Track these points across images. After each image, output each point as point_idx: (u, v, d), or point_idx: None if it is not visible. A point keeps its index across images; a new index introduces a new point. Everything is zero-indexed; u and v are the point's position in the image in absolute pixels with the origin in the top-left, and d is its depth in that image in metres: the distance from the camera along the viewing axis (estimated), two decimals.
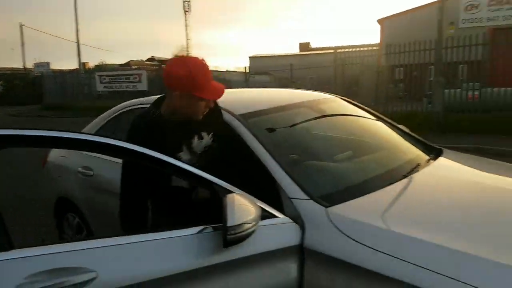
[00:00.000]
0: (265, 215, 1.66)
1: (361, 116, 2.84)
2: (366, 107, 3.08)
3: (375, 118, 2.93)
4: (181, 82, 1.80)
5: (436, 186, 2.10)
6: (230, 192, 1.61)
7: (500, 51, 11.61)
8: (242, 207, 1.49)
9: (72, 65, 25.85)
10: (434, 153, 2.59)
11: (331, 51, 15.56)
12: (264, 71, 24.97)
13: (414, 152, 2.59)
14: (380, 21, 28.11)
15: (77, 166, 3.04)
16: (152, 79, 20.71)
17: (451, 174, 2.33)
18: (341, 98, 3.11)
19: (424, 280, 1.35)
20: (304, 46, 61.36)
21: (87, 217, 2.99)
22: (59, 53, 72.55)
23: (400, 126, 3.03)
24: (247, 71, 19.68)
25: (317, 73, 17.43)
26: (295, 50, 56.24)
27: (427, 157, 2.47)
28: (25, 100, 30.30)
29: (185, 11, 61.56)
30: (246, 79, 19.14)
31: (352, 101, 3.13)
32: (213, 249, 1.52)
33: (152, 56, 64.29)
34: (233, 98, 2.52)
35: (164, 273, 1.46)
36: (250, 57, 44.33)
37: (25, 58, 42.21)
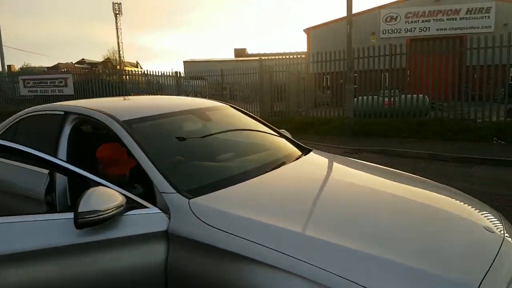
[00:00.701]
0: (134, 206, 2.00)
1: (245, 125, 3.26)
2: (252, 115, 3.53)
3: (259, 124, 3.38)
4: None
5: (286, 179, 2.53)
6: (100, 185, 1.93)
7: (416, 60, 12.32)
8: (102, 197, 1.82)
9: None
10: (304, 153, 3.07)
11: (265, 58, 16.09)
12: (199, 75, 25.06)
13: (285, 151, 3.04)
14: (306, 31, 29.24)
15: None
16: (80, 82, 20.12)
17: (304, 169, 2.77)
18: (231, 106, 3.52)
19: (255, 251, 1.72)
20: (239, 52, 61.97)
21: None
22: None
23: (281, 131, 3.50)
24: (179, 75, 19.69)
25: (248, 79, 17.88)
26: (232, 56, 56.76)
27: (295, 156, 2.93)
28: None
29: (116, 14, 60.15)
30: (177, 84, 19.22)
31: (241, 109, 3.55)
32: (69, 231, 1.85)
33: (83, 59, 61.89)
34: (123, 106, 2.84)
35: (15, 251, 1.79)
36: (184, 62, 44.20)
37: None
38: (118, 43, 60.26)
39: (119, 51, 59.53)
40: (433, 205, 2.26)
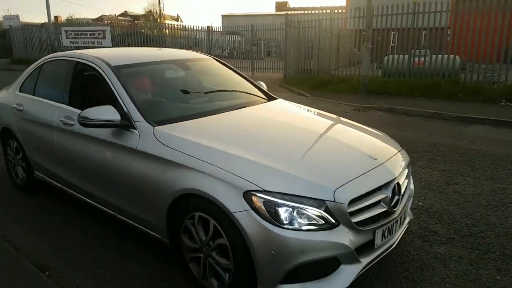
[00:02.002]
0: (127, 125, 2.87)
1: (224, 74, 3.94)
2: (232, 68, 4.17)
3: (238, 76, 4.04)
4: None
5: (235, 118, 3.20)
6: None
7: (462, 18, 11.59)
8: (100, 111, 2.87)
9: (45, 18, 25.50)
10: (268, 100, 3.72)
11: (313, 11, 15.40)
12: (233, 31, 25.28)
13: (251, 99, 3.69)
14: None
15: (12, 104, 4.07)
16: (119, 35, 21.07)
17: (257, 113, 3.42)
18: (215, 59, 4.17)
19: (192, 163, 2.45)
20: (280, 5, 60.86)
21: (21, 141, 4.03)
22: (32, 6, 70.00)
23: (257, 82, 4.12)
24: (211, 30, 20.12)
25: (278, 35, 18.07)
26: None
27: (256, 103, 3.59)
28: None
29: None
30: (209, 39, 19.77)
31: (223, 62, 4.19)
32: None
33: (125, 11, 63.07)
34: (120, 55, 3.60)
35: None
36: (222, 16, 44.19)
37: None
38: None
39: (159, 4, 60.12)
40: (339, 140, 2.90)
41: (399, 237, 2.72)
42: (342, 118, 3.57)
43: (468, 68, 11.09)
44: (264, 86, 4.16)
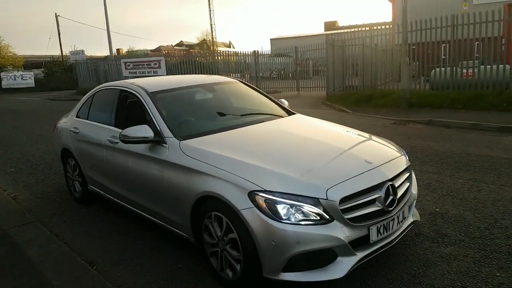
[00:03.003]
0: (159, 141, 3.36)
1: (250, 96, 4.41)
2: (256, 88, 4.63)
3: (261, 95, 4.48)
4: None
5: (254, 131, 3.60)
6: None
7: None
8: (138, 130, 3.40)
9: (107, 51, 27.67)
10: (288, 115, 4.13)
11: (355, 29, 15.74)
12: (280, 53, 25.95)
13: (270, 114, 4.09)
14: None
15: (70, 127, 4.78)
16: (174, 64, 22.49)
17: (272, 126, 3.80)
18: (240, 81, 4.66)
19: (208, 169, 2.88)
20: (329, 25, 61.14)
21: (77, 159, 4.69)
22: (95, 40, 75.97)
23: (280, 100, 4.53)
24: (257, 54, 20.89)
25: (322, 55, 18.41)
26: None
27: (274, 117, 4.00)
28: (63, 86, 33.23)
29: None
30: (255, 62, 20.55)
31: (248, 84, 4.66)
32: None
33: (181, 41, 66.67)
34: (156, 82, 4.18)
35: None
36: (271, 39, 45.27)
37: (62, 46, 45.04)
38: (211, 24, 63.84)
39: (212, 32, 62.84)
40: (340, 147, 3.21)
41: (400, 236, 2.97)
42: (349, 128, 3.88)
43: None
44: (285, 103, 4.55)
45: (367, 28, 14.98)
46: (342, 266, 2.59)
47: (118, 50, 57.72)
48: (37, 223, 4.31)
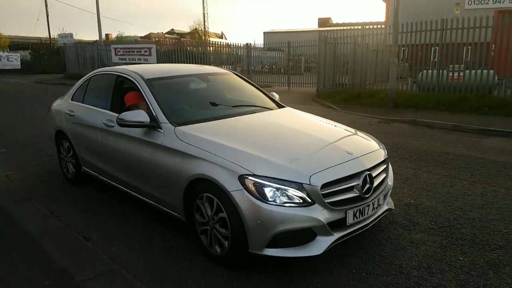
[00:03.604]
0: (154, 126, 3.54)
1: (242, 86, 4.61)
2: (248, 80, 4.84)
3: (253, 87, 4.71)
4: None
5: (244, 121, 3.84)
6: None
7: (505, 33, 11.92)
8: (135, 114, 3.55)
9: (96, 36, 27.48)
10: (277, 108, 4.37)
11: (348, 28, 16.00)
12: (273, 47, 26.08)
13: (260, 106, 4.32)
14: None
15: (65, 110, 4.94)
16: (164, 52, 22.44)
17: (262, 117, 4.05)
18: (234, 73, 4.87)
19: (201, 154, 3.10)
20: (323, 21, 61.45)
21: (72, 141, 4.86)
22: (85, 24, 74.89)
23: (271, 93, 4.76)
24: (250, 47, 21.03)
25: (315, 51, 18.58)
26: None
27: (264, 109, 4.23)
28: (51, 69, 32.85)
29: None
30: (247, 54, 20.70)
31: (241, 76, 4.88)
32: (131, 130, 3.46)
33: (172, 29, 66.23)
34: (151, 69, 4.35)
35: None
36: (264, 33, 45.39)
37: (50, 28, 44.45)
38: (204, 13, 63.37)
39: (204, 22, 62.55)
40: (325, 139, 3.46)
41: (375, 221, 3.25)
42: (336, 123, 4.14)
43: (505, 83, 11.22)
44: (276, 96, 4.79)
45: (359, 27, 15.25)
46: (320, 245, 2.86)
47: (107, 35, 57.09)
48: (32, 200, 4.48)
